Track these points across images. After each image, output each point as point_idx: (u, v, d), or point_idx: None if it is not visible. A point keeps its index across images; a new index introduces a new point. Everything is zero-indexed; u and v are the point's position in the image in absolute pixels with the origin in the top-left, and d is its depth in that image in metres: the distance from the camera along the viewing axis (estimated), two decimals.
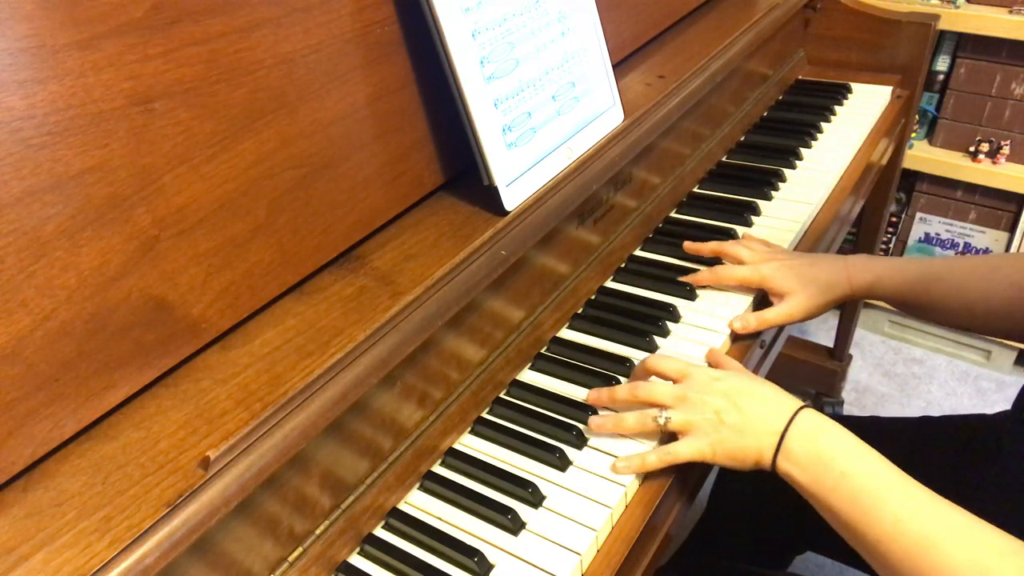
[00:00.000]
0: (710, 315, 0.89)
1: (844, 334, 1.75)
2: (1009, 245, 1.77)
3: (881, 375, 1.91)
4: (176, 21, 0.55)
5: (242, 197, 0.60)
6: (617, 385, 0.78)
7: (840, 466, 0.63)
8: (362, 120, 0.68)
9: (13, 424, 0.49)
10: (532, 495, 0.68)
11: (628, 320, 0.87)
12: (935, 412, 1.34)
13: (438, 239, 0.72)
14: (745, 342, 0.88)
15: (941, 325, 0.91)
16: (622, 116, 0.90)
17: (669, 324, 0.87)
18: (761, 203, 1.08)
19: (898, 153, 1.47)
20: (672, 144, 1.06)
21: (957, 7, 1.58)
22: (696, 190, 1.13)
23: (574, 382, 0.81)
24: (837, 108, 1.32)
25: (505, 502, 0.68)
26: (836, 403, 1.81)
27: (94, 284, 0.52)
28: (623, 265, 0.98)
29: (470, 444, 0.76)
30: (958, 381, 1.88)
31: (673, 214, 1.08)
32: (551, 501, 0.69)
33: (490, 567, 0.64)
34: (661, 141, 1.01)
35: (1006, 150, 1.67)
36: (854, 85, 1.39)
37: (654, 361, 0.75)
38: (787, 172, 1.16)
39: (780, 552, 1.13)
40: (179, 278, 0.57)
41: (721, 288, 0.93)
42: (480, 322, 0.77)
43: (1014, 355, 1.86)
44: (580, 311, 0.91)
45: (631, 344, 0.85)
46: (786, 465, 0.66)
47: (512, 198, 0.75)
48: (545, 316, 0.86)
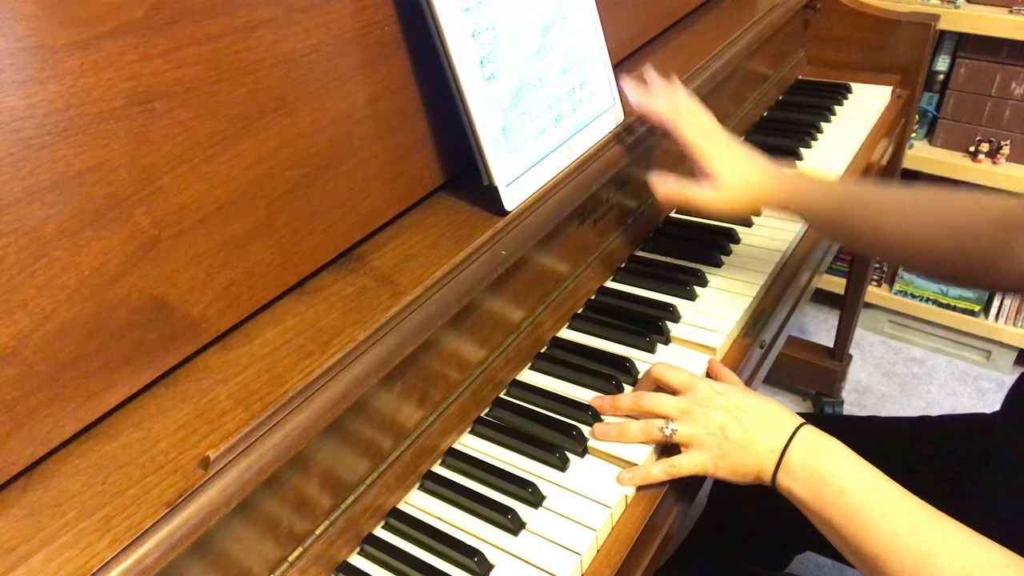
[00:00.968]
0: (710, 315, 0.89)
1: (844, 334, 1.75)
2: None
3: (881, 375, 1.91)
4: (176, 21, 0.55)
5: (242, 197, 0.60)
6: (620, 393, 0.78)
7: (839, 482, 0.64)
8: (362, 120, 0.68)
9: (13, 424, 0.49)
10: (532, 495, 0.69)
11: (628, 320, 0.87)
12: (935, 412, 1.34)
13: (438, 239, 0.72)
14: (744, 342, 0.88)
15: (868, 254, 0.89)
16: (622, 116, 0.90)
17: (669, 324, 0.87)
18: None
19: (898, 153, 1.47)
20: (673, 143, 1.05)
21: (957, 7, 1.58)
22: None
23: (574, 382, 0.81)
24: (837, 108, 1.32)
25: (505, 502, 0.68)
26: (836, 403, 1.81)
27: (94, 284, 0.52)
28: (623, 265, 0.98)
29: (470, 444, 0.76)
30: (958, 381, 1.88)
31: (674, 214, 1.08)
32: (551, 501, 0.69)
33: (490, 567, 0.64)
34: (661, 141, 1.01)
35: (1006, 150, 1.67)
36: (854, 85, 1.39)
37: (660, 371, 0.75)
38: None
39: (780, 552, 1.13)
40: (179, 278, 0.57)
41: (723, 275, 0.93)
42: (480, 322, 0.77)
43: (1014, 355, 1.86)
44: (580, 311, 0.91)
45: (631, 344, 0.85)
46: (786, 481, 0.67)
47: (512, 198, 0.75)
48: (545, 316, 0.86)
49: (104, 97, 0.51)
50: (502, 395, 0.80)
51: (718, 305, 0.90)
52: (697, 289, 0.92)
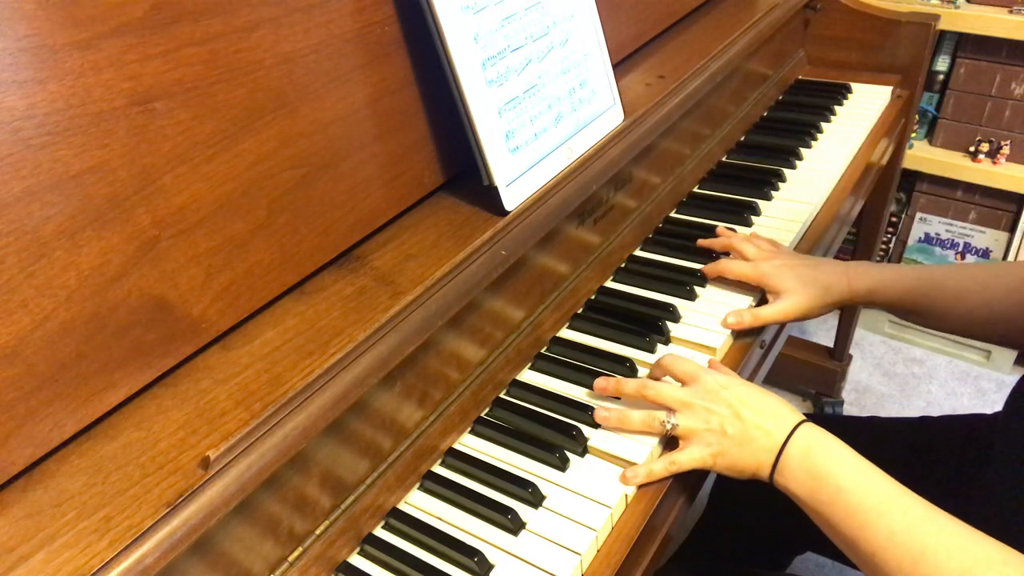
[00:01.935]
0: (710, 315, 0.89)
1: (844, 334, 1.75)
2: (1009, 245, 1.77)
3: (881, 375, 1.91)
4: (176, 21, 0.55)
5: (242, 197, 0.60)
6: (627, 377, 0.78)
7: (837, 481, 0.64)
8: (362, 120, 0.68)
9: (13, 424, 0.49)
10: (532, 495, 0.68)
11: (628, 320, 0.87)
12: (935, 412, 1.34)
13: (438, 239, 0.72)
14: (745, 341, 0.88)
15: (939, 331, 0.91)
16: (622, 116, 0.90)
17: (669, 324, 0.87)
18: (761, 203, 1.08)
19: (898, 153, 1.47)
20: (672, 144, 1.06)
21: (957, 7, 1.58)
22: (696, 190, 1.13)
23: (574, 382, 0.81)
24: (837, 108, 1.32)
25: (505, 502, 0.68)
26: (836, 403, 1.81)
27: (94, 284, 0.52)
28: (623, 265, 0.98)
29: (470, 444, 0.76)
30: (958, 381, 1.88)
31: (673, 214, 1.08)
32: (551, 501, 0.69)
33: (490, 567, 0.64)
34: (661, 141, 1.01)
35: (1006, 150, 1.67)
36: (854, 85, 1.39)
37: (669, 361, 0.76)
38: (787, 172, 1.16)
39: (780, 552, 1.13)
40: (179, 278, 0.57)
41: (722, 282, 0.93)
42: (480, 322, 0.77)
43: (1014, 355, 1.86)
44: (580, 311, 0.91)
45: (631, 344, 0.85)
46: (784, 479, 0.67)
47: (512, 198, 0.75)
48: (545, 316, 0.86)
49: (104, 97, 0.51)
50: (502, 395, 0.80)
51: (718, 305, 0.90)
52: (697, 289, 0.92)
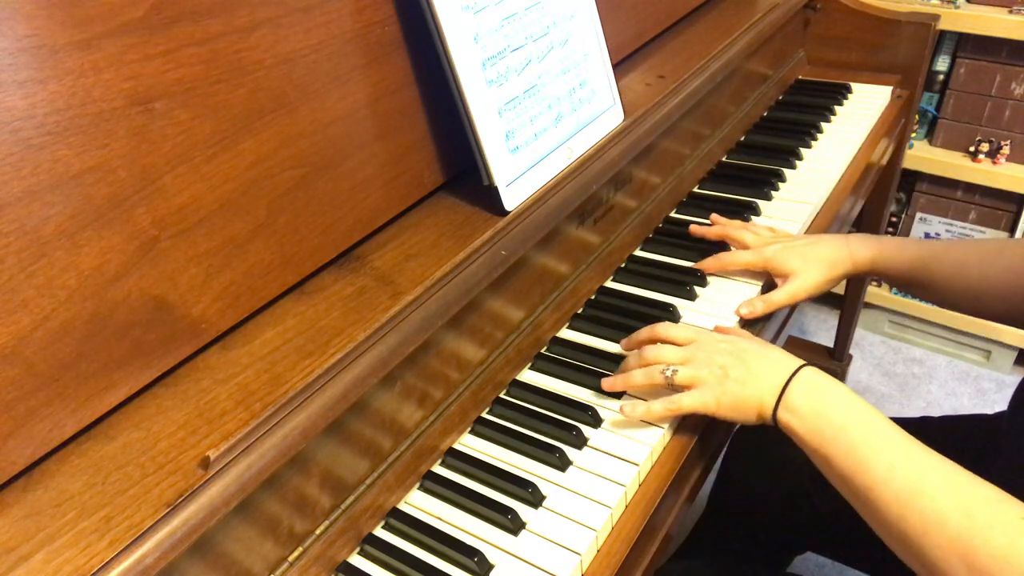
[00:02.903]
0: (710, 315, 0.89)
1: (844, 334, 1.75)
2: None
3: (881, 375, 1.91)
4: (176, 21, 0.55)
5: (242, 197, 0.60)
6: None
7: (839, 420, 0.65)
8: (362, 120, 0.68)
9: (13, 424, 0.49)
10: (532, 495, 0.68)
11: (628, 320, 0.87)
12: (935, 412, 1.34)
13: (438, 239, 0.72)
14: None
15: (941, 306, 0.92)
16: (622, 116, 0.90)
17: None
18: (761, 203, 1.08)
19: (898, 153, 1.47)
20: (672, 144, 1.06)
21: (957, 7, 1.58)
22: (696, 190, 1.13)
23: (574, 382, 0.81)
24: (837, 108, 1.32)
25: (505, 502, 0.68)
26: None
27: (94, 284, 0.52)
28: (623, 265, 0.98)
29: (470, 444, 0.76)
30: (958, 381, 1.88)
31: (673, 214, 1.08)
32: (551, 501, 0.69)
33: (490, 567, 0.64)
34: (661, 141, 1.01)
35: (1006, 150, 1.67)
36: (854, 85, 1.39)
37: (663, 328, 0.78)
38: (787, 172, 1.16)
39: (780, 552, 1.13)
40: (179, 278, 0.57)
41: (725, 277, 0.94)
42: (480, 322, 0.77)
43: (1014, 355, 1.86)
44: (580, 311, 0.91)
45: None
46: (786, 416, 0.68)
47: (512, 198, 0.75)
48: (545, 316, 0.86)
49: (104, 97, 0.51)
50: (502, 395, 0.80)
51: (719, 305, 0.90)
52: (697, 289, 0.92)
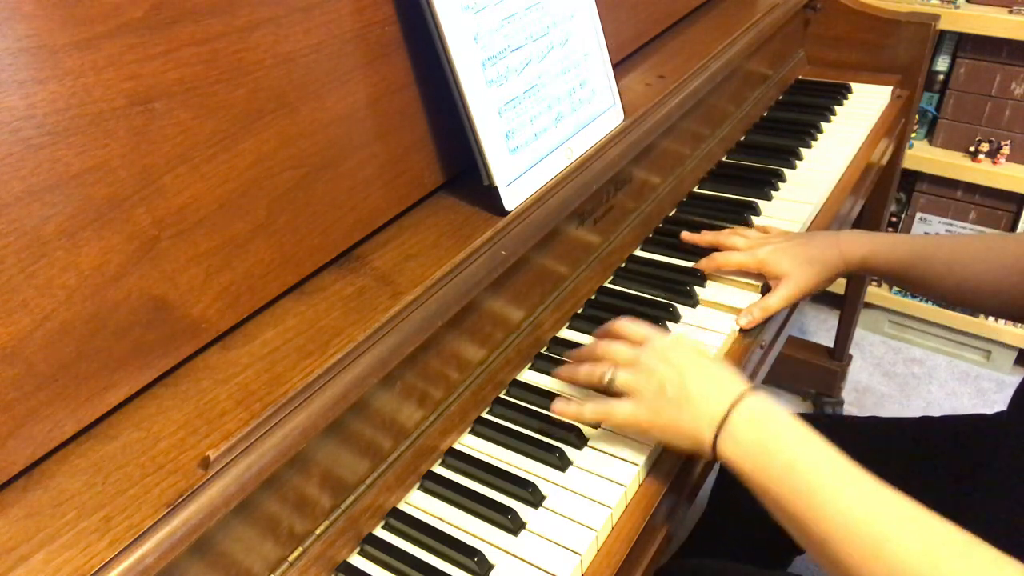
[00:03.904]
0: (710, 315, 0.88)
1: (844, 334, 1.75)
2: None
3: (881, 375, 1.91)
4: (176, 21, 0.55)
5: (242, 197, 0.60)
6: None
7: (786, 455, 0.59)
8: (362, 120, 0.68)
9: (13, 424, 0.49)
10: (532, 495, 0.68)
11: None
12: (935, 412, 1.34)
13: (438, 239, 0.72)
14: (745, 341, 0.88)
15: (934, 300, 0.93)
16: (622, 116, 0.90)
17: (669, 324, 0.87)
18: (761, 203, 1.08)
19: (898, 153, 1.47)
20: (672, 144, 1.06)
21: (957, 7, 1.58)
22: (696, 190, 1.13)
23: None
24: (837, 108, 1.32)
25: (505, 502, 0.68)
26: (836, 403, 1.81)
27: (94, 284, 0.52)
28: (623, 265, 0.98)
29: (470, 444, 0.76)
30: (958, 381, 1.88)
31: (673, 214, 1.08)
32: (551, 501, 0.69)
33: (490, 567, 0.64)
34: (661, 141, 1.01)
35: (1006, 150, 1.67)
36: (854, 85, 1.38)
37: (621, 323, 0.75)
38: (787, 172, 1.16)
39: (780, 552, 1.13)
40: (179, 278, 0.57)
41: (721, 277, 0.94)
42: (480, 322, 0.77)
43: (1014, 355, 1.86)
44: (580, 311, 0.91)
45: None
46: (728, 450, 0.62)
47: (512, 198, 0.75)
48: (545, 316, 0.86)
49: (104, 97, 0.51)
50: (502, 395, 0.80)
51: (718, 305, 0.90)
52: (697, 289, 0.92)
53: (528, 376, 0.83)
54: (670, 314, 0.88)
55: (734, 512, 1.13)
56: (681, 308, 0.89)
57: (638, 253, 1.00)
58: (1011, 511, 0.69)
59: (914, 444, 0.94)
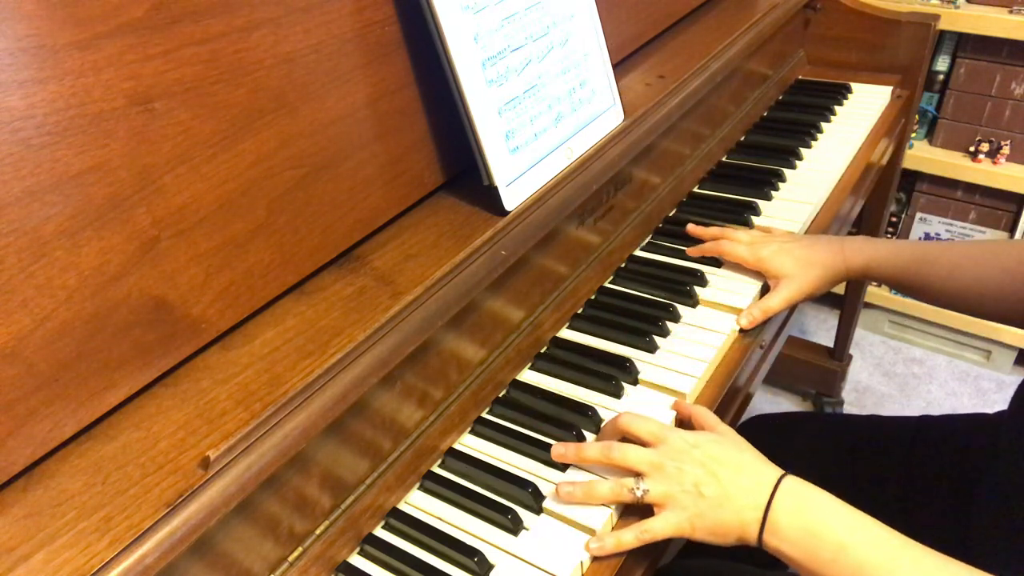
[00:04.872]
0: (710, 314, 0.88)
1: (844, 334, 1.75)
2: None
3: (881, 375, 1.91)
4: (176, 21, 0.55)
5: (242, 197, 0.60)
6: (585, 442, 0.72)
7: (836, 537, 0.60)
8: (362, 120, 0.68)
9: (13, 424, 0.49)
10: (532, 495, 0.68)
11: (628, 320, 0.87)
12: (935, 412, 1.33)
13: (438, 239, 0.72)
14: (745, 341, 0.88)
15: (938, 306, 0.92)
16: (622, 116, 0.90)
17: (669, 324, 0.87)
18: (761, 203, 1.08)
19: (898, 153, 1.47)
20: (672, 144, 1.06)
21: (957, 7, 1.58)
22: (696, 190, 1.13)
23: (574, 382, 0.81)
24: (837, 108, 1.32)
25: (505, 502, 0.68)
26: (836, 403, 1.81)
27: (94, 284, 0.52)
28: (623, 265, 0.98)
29: (470, 444, 0.76)
30: (958, 381, 1.88)
31: (673, 214, 1.08)
32: (551, 501, 0.69)
33: (490, 567, 0.64)
34: (661, 141, 1.01)
35: (1006, 150, 1.67)
36: (854, 85, 1.39)
37: (627, 422, 0.69)
38: (787, 172, 1.16)
39: None
40: (179, 278, 0.57)
41: (724, 276, 0.94)
42: (480, 322, 0.77)
43: (1014, 355, 1.86)
44: (580, 311, 0.91)
45: (631, 344, 0.85)
46: (774, 541, 0.62)
47: (512, 198, 0.75)
48: (545, 316, 0.86)
49: (104, 97, 0.51)
50: (502, 395, 0.80)
51: (717, 305, 0.90)
52: (697, 289, 0.92)
53: (528, 376, 0.83)
54: (670, 314, 0.88)
55: None
56: (681, 308, 0.89)
57: (638, 253, 1.00)
58: (1011, 511, 0.68)
59: (915, 444, 0.94)
